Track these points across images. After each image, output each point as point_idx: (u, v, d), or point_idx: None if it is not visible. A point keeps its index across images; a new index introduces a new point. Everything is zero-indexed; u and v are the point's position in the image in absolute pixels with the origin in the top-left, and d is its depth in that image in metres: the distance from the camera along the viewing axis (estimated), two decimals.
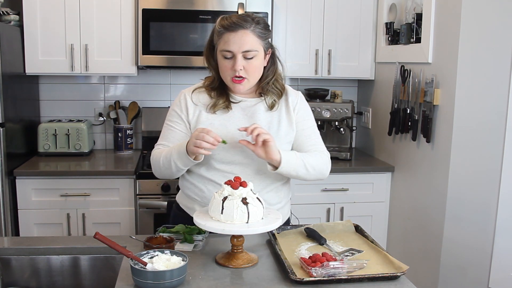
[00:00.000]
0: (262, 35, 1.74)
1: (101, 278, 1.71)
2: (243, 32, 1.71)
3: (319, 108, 3.26)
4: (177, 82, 3.51)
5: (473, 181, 2.51)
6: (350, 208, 3.11)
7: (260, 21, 1.75)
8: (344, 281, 1.44)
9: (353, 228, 1.86)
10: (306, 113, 1.91)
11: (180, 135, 1.84)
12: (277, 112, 1.85)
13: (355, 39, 3.29)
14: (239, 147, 1.76)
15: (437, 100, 2.60)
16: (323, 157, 1.87)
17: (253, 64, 1.74)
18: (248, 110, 1.83)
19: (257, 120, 1.80)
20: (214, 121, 1.80)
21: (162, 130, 1.89)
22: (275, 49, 1.84)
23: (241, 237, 1.57)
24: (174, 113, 1.86)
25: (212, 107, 1.81)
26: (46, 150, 3.15)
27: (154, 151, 1.86)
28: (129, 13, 3.06)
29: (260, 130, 1.66)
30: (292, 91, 1.92)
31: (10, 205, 2.78)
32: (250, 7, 3.05)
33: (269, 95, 1.84)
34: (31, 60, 3.04)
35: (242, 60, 1.72)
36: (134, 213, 2.91)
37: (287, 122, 1.85)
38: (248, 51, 1.71)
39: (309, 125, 1.90)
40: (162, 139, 1.87)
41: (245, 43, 1.71)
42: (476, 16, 2.40)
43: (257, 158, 1.75)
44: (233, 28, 1.70)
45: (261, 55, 1.76)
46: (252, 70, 1.75)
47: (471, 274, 2.57)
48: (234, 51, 1.71)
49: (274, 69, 1.84)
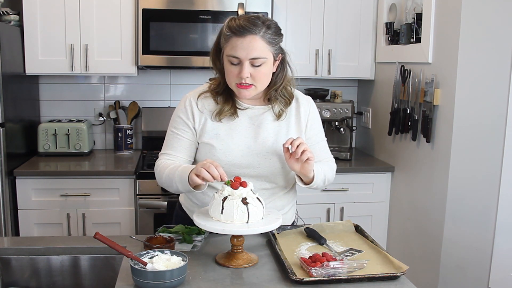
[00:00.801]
0: (272, 41, 1.63)
1: (101, 278, 1.71)
2: (251, 38, 1.59)
3: (319, 108, 3.23)
4: (177, 82, 3.51)
5: (473, 181, 2.51)
6: (350, 208, 3.11)
7: (271, 25, 1.64)
8: (344, 281, 1.44)
9: (353, 228, 1.86)
10: (319, 123, 1.86)
11: (188, 144, 1.76)
12: (286, 121, 1.77)
13: (355, 39, 3.29)
14: (246, 161, 1.72)
15: (437, 100, 2.60)
16: (333, 168, 1.88)
17: (261, 71, 1.64)
18: (256, 119, 1.75)
19: (265, 130, 1.74)
20: (220, 131, 1.72)
21: (167, 137, 1.79)
22: (285, 54, 1.74)
23: (241, 237, 1.57)
24: (180, 120, 1.76)
25: (218, 115, 1.72)
26: (46, 150, 3.15)
27: (159, 163, 1.76)
28: (129, 13, 3.06)
29: (305, 147, 1.60)
30: (303, 98, 1.83)
31: (10, 205, 2.78)
32: (250, 7, 3.05)
33: (276, 104, 1.75)
34: (31, 60, 3.04)
35: (249, 67, 1.62)
36: (134, 213, 2.91)
37: (295, 131, 1.77)
38: (256, 58, 1.61)
39: (322, 137, 1.88)
40: (168, 147, 1.77)
41: (253, 49, 1.59)
42: (476, 16, 2.40)
43: (264, 169, 1.72)
44: (241, 33, 1.59)
45: (270, 62, 1.65)
46: (259, 78, 1.64)
47: (471, 274, 2.57)
48: (241, 58, 1.60)
49: (283, 75, 1.73)
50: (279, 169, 1.75)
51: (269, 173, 1.75)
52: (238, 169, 1.71)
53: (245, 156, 1.72)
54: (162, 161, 1.76)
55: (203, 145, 1.74)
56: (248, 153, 1.72)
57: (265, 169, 1.74)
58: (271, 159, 1.73)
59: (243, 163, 1.72)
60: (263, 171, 1.74)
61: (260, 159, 1.73)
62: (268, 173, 1.75)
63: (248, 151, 1.72)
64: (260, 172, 1.74)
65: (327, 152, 1.90)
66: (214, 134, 1.72)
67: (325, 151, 1.89)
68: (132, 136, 3.42)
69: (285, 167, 1.74)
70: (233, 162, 1.71)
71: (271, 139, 1.74)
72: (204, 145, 1.74)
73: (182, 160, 1.75)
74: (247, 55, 1.60)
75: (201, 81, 1.89)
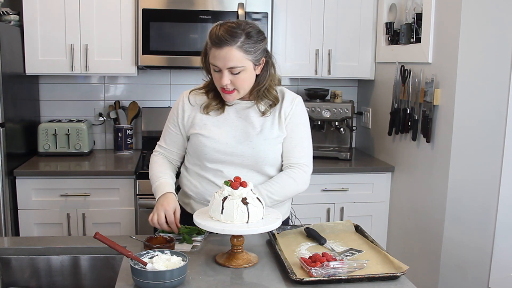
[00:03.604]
0: (251, 49, 1.69)
1: (101, 278, 1.72)
2: (227, 49, 1.66)
3: (319, 108, 3.26)
4: (177, 82, 3.51)
5: (473, 181, 2.51)
6: (350, 208, 3.11)
7: (251, 32, 1.70)
8: (344, 281, 1.44)
9: (353, 228, 1.86)
10: (298, 122, 1.87)
11: (177, 138, 1.92)
12: (271, 117, 1.84)
13: (355, 39, 3.29)
14: (229, 148, 1.80)
15: (437, 100, 2.60)
16: (289, 182, 1.82)
17: (241, 78, 1.72)
18: (242, 112, 1.84)
19: (250, 122, 1.83)
20: (207, 122, 1.84)
21: (163, 130, 1.97)
22: (269, 58, 1.80)
23: (241, 237, 1.57)
24: (173, 115, 1.92)
25: (205, 108, 1.84)
26: (46, 150, 3.15)
27: (152, 159, 1.96)
28: (129, 13, 3.06)
29: None
30: (288, 98, 1.87)
31: (10, 205, 2.78)
32: (250, 7, 3.05)
33: (260, 103, 1.83)
34: (31, 60, 3.04)
35: (229, 75, 1.70)
36: (134, 213, 2.91)
37: (278, 127, 1.84)
38: (233, 67, 1.69)
39: (299, 138, 1.87)
40: (162, 140, 1.97)
41: (229, 60, 1.67)
42: (476, 16, 2.40)
43: (248, 158, 1.80)
44: (218, 45, 1.67)
45: (249, 69, 1.72)
46: (240, 84, 1.74)
47: (471, 274, 2.57)
48: (219, 67, 1.70)
49: (266, 77, 1.80)
50: (263, 158, 1.82)
51: (253, 162, 1.82)
52: (222, 155, 1.81)
53: (230, 144, 1.81)
54: (154, 157, 1.96)
55: (193, 136, 1.86)
56: (233, 141, 1.81)
57: (249, 158, 1.81)
58: (253, 148, 1.81)
59: (227, 151, 1.81)
60: (246, 160, 1.82)
61: (244, 147, 1.81)
62: (252, 162, 1.82)
63: (233, 139, 1.82)
64: (243, 161, 1.82)
65: (301, 156, 1.86)
66: (202, 125, 1.84)
67: (298, 151, 1.86)
68: (132, 136, 3.42)
69: (269, 157, 1.82)
70: (218, 148, 1.81)
71: (256, 130, 1.82)
72: (193, 136, 1.86)
73: (173, 153, 1.95)
74: (224, 65, 1.69)
75: (201, 81, 1.93)
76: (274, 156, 1.84)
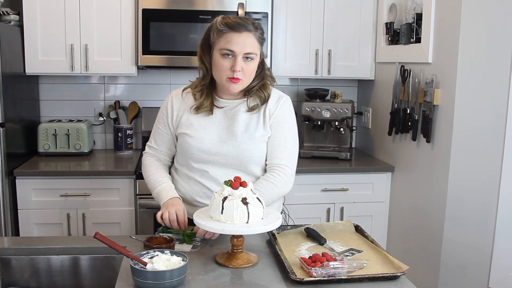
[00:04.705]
0: (261, 40, 1.78)
1: (101, 278, 1.72)
2: (247, 34, 1.72)
3: (319, 108, 3.26)
4: (177, 82, 3.50)
5: (473, 181, 2.51)
6: (350, 208, 3.11)
7: (258, 26, 1.78)
8: (344, 281, 1.44)
9: (353, 228, 1.86)
10: (282, 121, 1.87)
11: (166, 137, 1.93)
12: (257, 114, 1.86)
13: (355, 39, 3.29)
14: (214, 147, 1.81)
15: (437, 100, 2.60)
16: (269, 186, 1.81)
17: (251, 66, 1.76)
18: (230, 112, 1.86)
19: (236, 121, 1.83)
20: (194, 122, 1.85)
21: (153, 129, 1.98)
22: (265, 57, 1.88)
23: (241, 237, 1.57)
24: (162, 115, 1.93)
25: (196, 109, 1.84)
26: (46, 150, 3.15)
27: (144, 161, 1.96)
28: (129, 13, 3.06)
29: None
30: (274, 97, 1.88)
31: (10, 205, 2.78)
32: (250, 7, 3.05)
33: (252, 99, 1.85)
34: (31, 60, 3.04)
35: (242, 61, 1.73)
36: (134, 213, 2.91)
37: (262, 126, 1.85)
38: (249, 53, 1.73)
39: (282, 136, 1.86)
40: (152, 139, 1.97)
41: (248, 45, 1.72)
42: (476, 16, 2.40)
43: (233, 158, 1.81)
44: (238, 29, 1.72)
45: (257, 59, 1.79)
46: (248, 73, 1.77)
47: (471, 274, 2.57)
48: (236, 51, 1.71)
49: (262, 75, 1.84)
50: (247, 157, 1.82)
51: (238, 162, 1.82)
52: (207, 155, 1.83)
53: (215, 144, 1.82)
54: (147, 160, 1.96)
55: (180, 136, 1.88)
56: (218, 141, 1.82)
57: (233, 158, 1.82)
58: (238, 147, 1.81)
59: (212, 150, 1.82)
60: (231, 160, 1.82)
61: (229, 147, 1.81)
62: (237, 162, 1.82)
63: (218, 139, 1.83)
64: (228, 161, 1.82)
65: (283, 157, 1.85)
66: (188, 124, 1.85)
67: (279, 153, 1.85)
68: (132, 136, 3.42)
69: (254, 156, 1.82)
70: (203, 148, 1.82)
71: (241, 129, 1.83)
72: (180, 135, 1.87)
73: (164, 153, 1.96)
74: (242, 49, 1.72)
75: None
76: (259, 155, 1.84)
